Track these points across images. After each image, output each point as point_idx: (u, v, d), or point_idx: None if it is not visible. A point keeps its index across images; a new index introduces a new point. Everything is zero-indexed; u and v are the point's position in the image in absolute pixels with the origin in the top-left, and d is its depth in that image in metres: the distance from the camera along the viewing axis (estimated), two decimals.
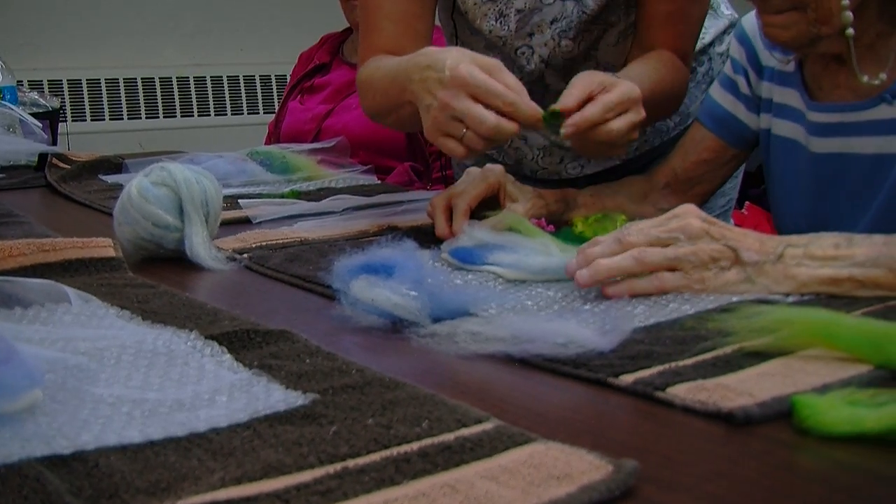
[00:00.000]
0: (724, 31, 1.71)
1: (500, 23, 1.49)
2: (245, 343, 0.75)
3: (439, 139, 1.14)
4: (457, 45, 1.61)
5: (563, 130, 1.13)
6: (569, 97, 1.15)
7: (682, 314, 0.84)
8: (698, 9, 1.49)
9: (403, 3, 1.45)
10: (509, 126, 1.09)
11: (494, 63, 1.13)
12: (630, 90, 1.17)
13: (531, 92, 1.15)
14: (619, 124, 1.15)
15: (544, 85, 1.57)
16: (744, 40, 1.36)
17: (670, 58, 1.43)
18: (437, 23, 1.58)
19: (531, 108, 1.11)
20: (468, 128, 1.10)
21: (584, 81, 1.17)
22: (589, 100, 1.15)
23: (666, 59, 1.42)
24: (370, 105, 1.42)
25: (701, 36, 1.55)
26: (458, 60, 1.12)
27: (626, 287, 0.90)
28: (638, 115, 1.18)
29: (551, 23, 1.48)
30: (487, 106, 1.10)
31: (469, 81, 1.10)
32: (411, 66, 1.20)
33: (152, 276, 1.01)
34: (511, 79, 1.12)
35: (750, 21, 1.36)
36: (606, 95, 1.15)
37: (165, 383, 0.67)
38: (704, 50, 1.64)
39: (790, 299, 0.87)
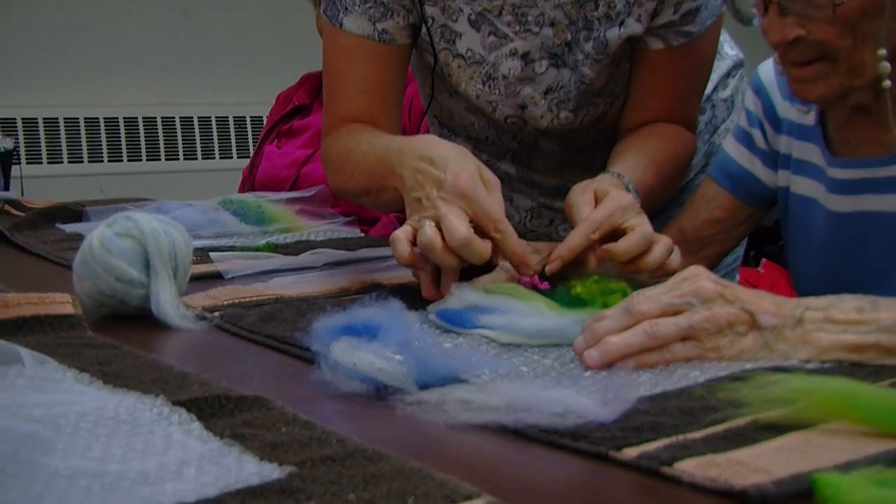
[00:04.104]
0: (728, 74, 1.72)
1: (490, 87, 1.50)
2: (216, 410, 0.75)
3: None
4: (431, 105, 1.63)
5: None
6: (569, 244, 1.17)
7: (690, 382, 0.84)
8: (704, 74, 1.51)
9: (374, 70, 1.46)
10: (481, 247, 1.10)
11: (496, 182, 1.16)
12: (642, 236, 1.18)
13: (521, 153, 1.17)
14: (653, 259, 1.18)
15: (538, 147, 1.58)
16: (760, 90, 1.37)
17: (674, 135, 1.44)
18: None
19: (519, 246, 1.13)
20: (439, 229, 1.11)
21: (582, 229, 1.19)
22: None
23: (669, 136, 1.43)
24: (344, 183, 1.44)
25: None
26: (463, 168, 1.14)
27: (634, 362, 0.90)
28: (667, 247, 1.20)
29: (546, 93, 1.49)
30: (477, 225, 1.12)
31: (469, 195, 1.12)
32: (407, 151, 1.21)
33: (114, 336, 1.01)
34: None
35: (766, 70, 1.37)
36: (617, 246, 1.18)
37: (128, 454, 0.67)
38: (707, 97, 1.65)
39: (809, 367, 0.88)
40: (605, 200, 1.21)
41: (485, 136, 1.60)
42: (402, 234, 1.15)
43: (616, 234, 1.19)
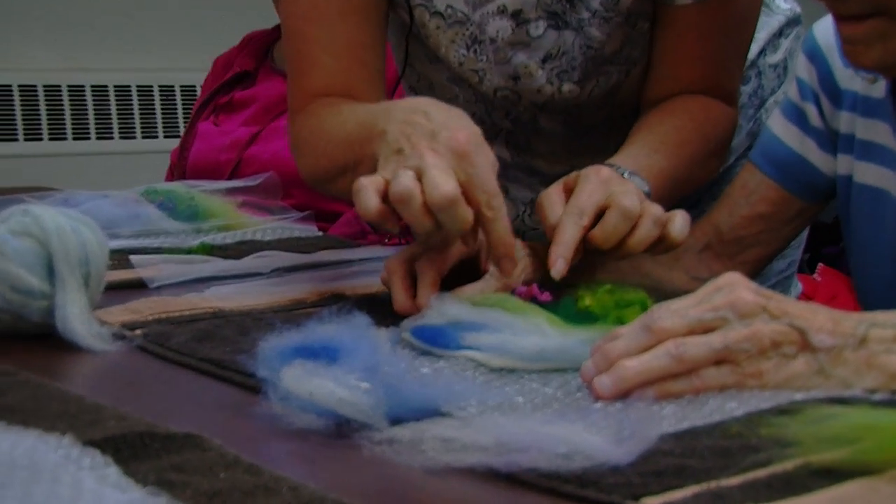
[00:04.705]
0: (780, 33, 1.72)
1: (475, 52, 1.51)
2: (137, 451, 0.76)
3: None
4: (407, 72, 1.64)
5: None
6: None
7: (725, 416, 0.85)
8: (747, 32, 1.50)
9: (346, 32, 1.46)
10: (465, 212, 1.09)
11: (495, 164, 1.15)
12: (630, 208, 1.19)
13: (516, 133, 1.17)
14: (637, 240, 1.19)
15: (537, 126, 1.59)
16: (815, 55, 1.37)
17: (701, 109, 1.45)
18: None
19: (509, 234, 1.12)
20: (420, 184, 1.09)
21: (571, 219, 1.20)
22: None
23: (694, 111, 1.45)
24: (317, 161, 1.44)
25: None
26: (464, 127, 1.14)
27: (656, 390, 0.90)
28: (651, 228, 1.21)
29: (544, 61, 1.49)
30: (467, 195, 1.11)
31: (468, 154, 1.11)
32: (397, 108, 1.21)
33: (9, 360, 1.01)
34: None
35: (823, 29, 1.37)
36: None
37: None
38: (752, 62, 1.66)
39: (876, 398, 0.89)
40: (578, 182, 1.21)
41: (471, 112, 1.60)
42: (368, 181, 1.11)
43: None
